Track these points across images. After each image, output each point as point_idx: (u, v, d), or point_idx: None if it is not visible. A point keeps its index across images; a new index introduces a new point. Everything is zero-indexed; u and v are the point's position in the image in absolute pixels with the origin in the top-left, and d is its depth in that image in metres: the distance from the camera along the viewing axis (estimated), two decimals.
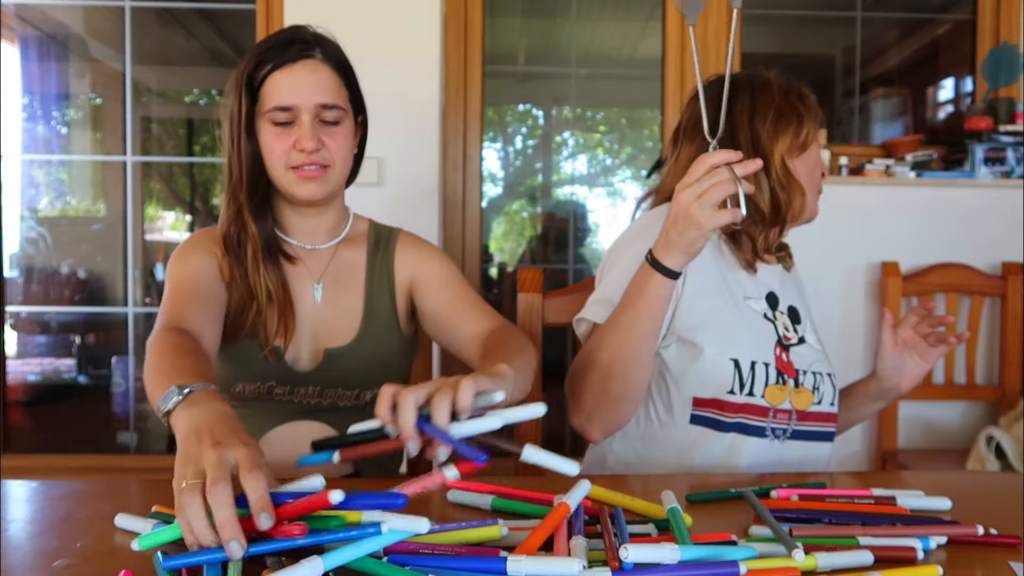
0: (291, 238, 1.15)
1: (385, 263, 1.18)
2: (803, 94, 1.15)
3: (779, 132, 1.11)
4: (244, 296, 1.08)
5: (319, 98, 1.05)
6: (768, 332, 1.13)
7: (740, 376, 1.09)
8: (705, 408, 1.10)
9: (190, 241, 1.13)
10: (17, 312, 2.68)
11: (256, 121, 1.07)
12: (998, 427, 1.98)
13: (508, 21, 2.81)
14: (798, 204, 1.13)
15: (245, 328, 1.07)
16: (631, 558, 0.59)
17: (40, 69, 2.78)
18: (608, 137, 3.08)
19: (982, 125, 2.23)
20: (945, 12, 2.71)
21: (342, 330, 1.13)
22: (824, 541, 0.69)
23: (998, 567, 0.68)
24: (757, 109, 1.12)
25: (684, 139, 1.17)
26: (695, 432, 1.11)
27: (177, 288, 1.03)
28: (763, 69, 1.17)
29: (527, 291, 1.34)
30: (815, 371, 1.15)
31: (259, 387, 1.09)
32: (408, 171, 2.19)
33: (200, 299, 1.02)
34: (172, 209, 3.07)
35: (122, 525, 0.74)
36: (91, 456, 2.48)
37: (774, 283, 1.18)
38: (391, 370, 1.16)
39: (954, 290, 2.18)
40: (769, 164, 1.11)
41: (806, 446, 1.14)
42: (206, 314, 1.00)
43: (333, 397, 1.12)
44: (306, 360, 1.11)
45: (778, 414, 1.11)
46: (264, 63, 1.05)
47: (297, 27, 1.10)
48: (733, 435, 1.10)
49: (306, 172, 1.06)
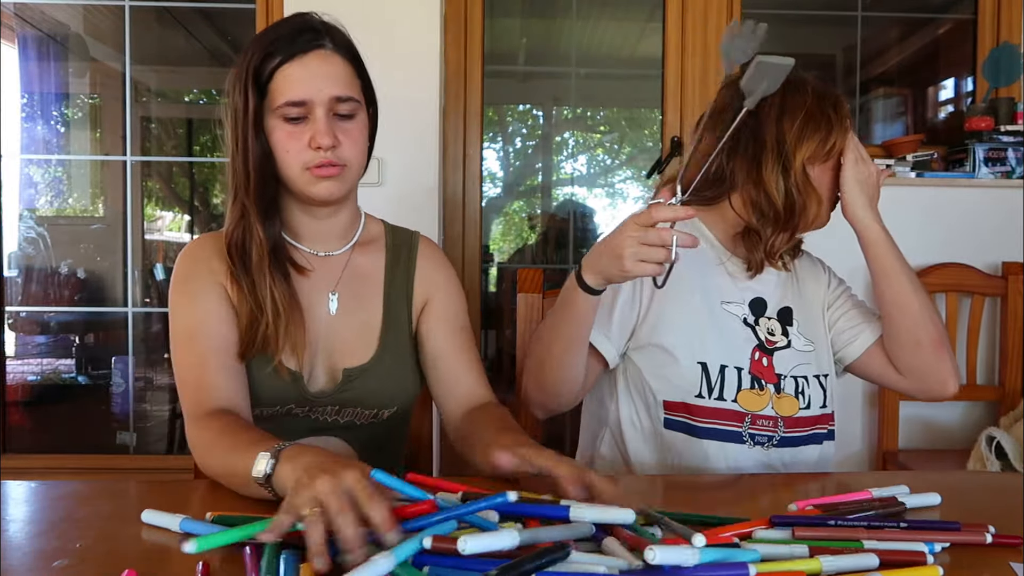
0: (301, 244, 1.07)
1: (406, 272, 1.12)
2: (838, 103, 1.11)
3: (805, 136, 1.08)
4: (254, 310, 0.99)
5: (333, 90, 0.97)
6: (744, 336, 1.13)
7: (708, 380, 1.09)
8: (676, 412, 1.10)
9: (189, 262, 1.04)
10: (17, 312, 2.68)
11: (265, 118, 0.99)
12: (998, 427, 1.98)
13: (508, 21, 2.81)
14: (813, 211, 1.10)
15: (256, 345, 0.99)
16: (657, 559, 0.59)
17: (39, 69, 2.78)
18: (608, 137, 3.08)
19: (983, 125, 2.23)
20: (946, 12, 2.70)
21: (360, 345, 1.06)
22: (829, 544, 0.69)
23: (998, 567, 0.68)
24: (787, 108, 1.09)
25: (705, 129, 1.13)
26: (671, 437, 1.11)
27: (190, 347, 0.98)
28: (801, 69, 1.13)
29: (527, 291, 1.34)
30: (797, 375, 1.14)
31: (278, 410, 1.03)
32: (408, 171, 2.18)
33: (221, 359, 0.97)
34: (172, 209, 3.07)
35: (152, 521, 0.73)
36: (91, 456, 2.48)
37: (767, 287, 1.17)
38: (409, 387, 1.11)
39: (954, 290, 2.18)
40: (790, 166, 1.08)
41: (797, 451, 1.13)
42: (229, 376, 0.97)
43: (351, 416, 1.06)
44: (323, 380, 1.05)
45: (758, 420, 1.10)
46: (272, 55, 0.97)
47: (303, 14, 1.01)
48: (708, 442, 1.09)
49: (323, 171, 0.98)
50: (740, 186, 1.12)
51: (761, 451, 1.11)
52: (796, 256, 1.23)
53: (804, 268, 1.23)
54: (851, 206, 1.11)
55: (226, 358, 0.98)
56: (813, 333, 1.18)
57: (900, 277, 1.11)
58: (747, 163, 1.11)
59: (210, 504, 0.75)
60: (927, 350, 1.11)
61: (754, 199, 1.11)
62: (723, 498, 0.88)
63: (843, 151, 1.11)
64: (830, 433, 1.17)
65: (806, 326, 1.18)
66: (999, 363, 2.22)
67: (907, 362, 1.14)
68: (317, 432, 1.06)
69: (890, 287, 1.11)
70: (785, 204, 1.09)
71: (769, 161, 1.09)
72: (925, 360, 1.12)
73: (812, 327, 1.19)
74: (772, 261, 1.16)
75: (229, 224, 1.03)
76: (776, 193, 1.09)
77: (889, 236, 1.12)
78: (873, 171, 1.12)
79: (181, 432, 2.70)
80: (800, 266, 1.23)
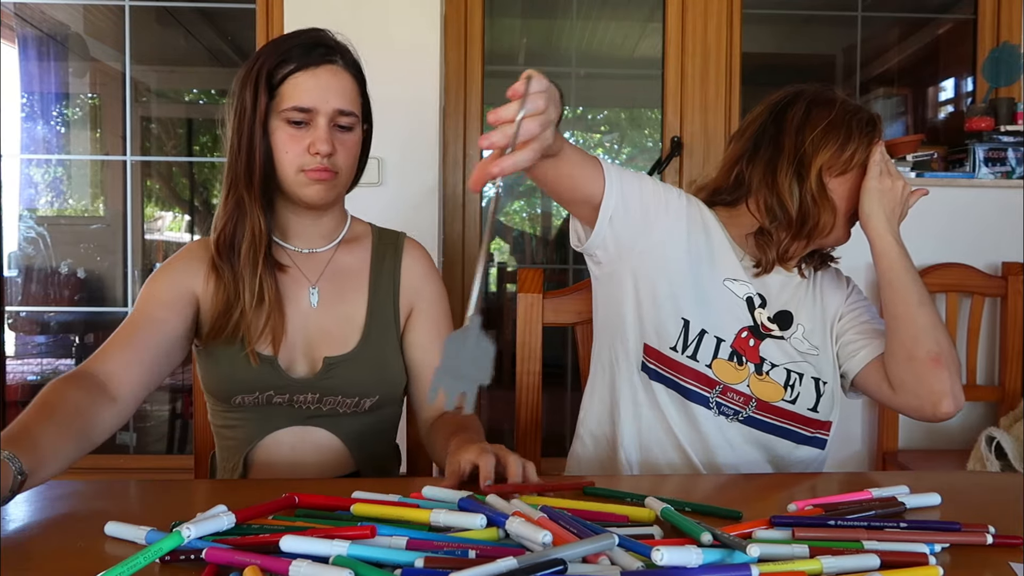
0: (287, 242, 1.14)
1: (391, 267, 1.17)
2: (868, 120, 1.12)
3: (823, 145, 1.09)
4: (230, 298, 1.06)
5: (338, 103, 1.05)
6: (738, 314, 1.14)
7: (685, 337, 1.12)
8: (652, 359, 1.13)
9: (176, 256, 1.12)
10: (17, 312, 2.68)
11: (269, 118, 1.06)
12: (998, 427, 1.98)
13: (508, 21, 2.81)
14: (826, 222, 1.11)
15: (226, 331, 1.06)
16: (665, 560, 0.60)
17: (39, 68, 2.78)
18: (608, 137, 3.08)
19: (983, 125, 2.23)
20: (945, 12, 2.71)
21: (342, 337, 1.11)
22: (830, 544, 0.69)
23: (998, 567, 0.68)
24: (809, 119, 1.11)
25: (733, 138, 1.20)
26: (647, 385, 1.14)
27: (132, 316, 1.06)
28: (836, 88, 1.16)
29: (527, 291, 1.34)
30: (792, 369, 1.15)
31: (258, 397, 1.08)
32: (408, 171, 2.19)
33: (143, 333, 1.03)
34: (172, 209, 3.07)
35: (115, 534, 0.72)
36: (90, 456, 2.45)
37: (771, 288, 1.18)
38: (390, 378, 1.15)
39: (954, 290, 2.18)
40: (805, 174, 1.10)
41: (769, 439, 1.14)
42: (139, 349, 1.02)
43: (332, 404, 1.10)
44: (303, 367, 1.09)
45: (729, 392, 1.12)
46: (286, 62, 1.05)
47: (319, 31, 1.09)
48: (679, 397, 1.12)
49: (317, 175, 1.05)
50: (755, 190, 1.14)
51: (725, 422, 1.13)
52: (821, 268, 1.23)
53: (827, 280, 1.23)
54: (867, 216, 1.11)
55: (152, 329, 1.04)
56: (820, 342, 1.19)
57: (905, 291, 1.10)
58: (763, 168, 1.13)
59: (210, 504, 0.75)
60: (921, 365, 1.08)
61: (768, 203, 1.12)
62: (723, 498, 0.88)
63: (868, 164, 1.11)
64: (816, 439, 1.17)
65: (812, 333, 1.18)
66: (999, 363, 2.22)
67: (899, 376, 1.11)
68: (299, 421, 1.10)
69: (894, 299, 1.10)
70: (799, 212, 1.10)
71: (784, 167, 1.11)
72: (917, 375, 1.08)
73: (820, 336, 1.19)
74: (785, 265, 1.17)
75: (221, 216, 1.08)
76: (789, 200, 1.10)
77: (903, 250, 1.11)
78: (899, 186, 1.11)
79: (181, 432, 2.71)
80: (823, 277, 1.23)
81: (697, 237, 1.14)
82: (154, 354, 1.04)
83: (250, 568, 0.60)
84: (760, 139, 1.15)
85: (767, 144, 1.13)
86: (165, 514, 0.74)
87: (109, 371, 0.98)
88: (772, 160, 1.12)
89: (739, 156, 1.17)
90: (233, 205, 1.07)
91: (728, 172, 1.19)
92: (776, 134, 1.13)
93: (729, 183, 1.18)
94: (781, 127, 1.13)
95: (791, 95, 1.15)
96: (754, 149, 1.15)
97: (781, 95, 1.17)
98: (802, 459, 1.17)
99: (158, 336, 1.04)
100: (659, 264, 1.12)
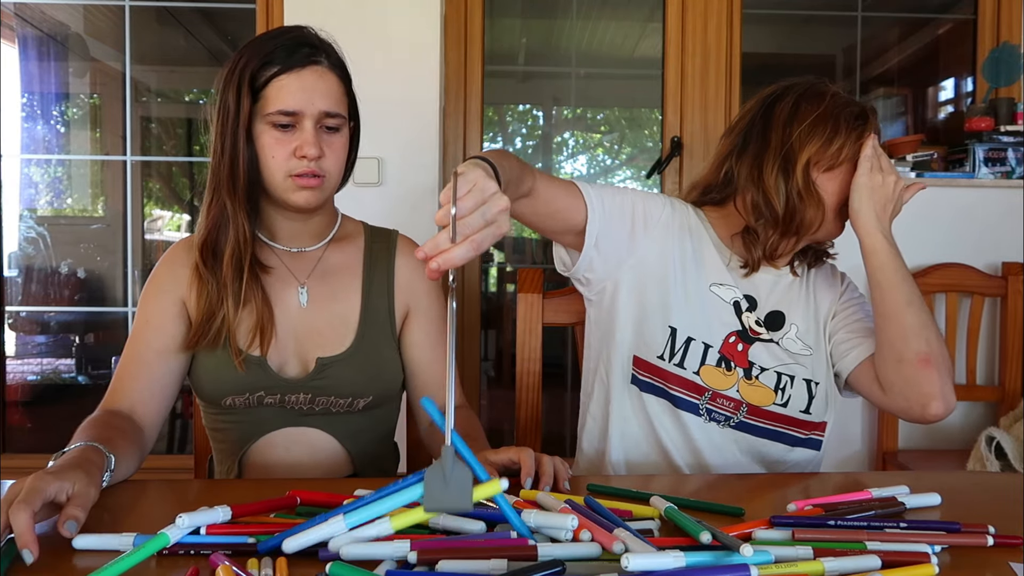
0: (274, 242, 1.12)
1: (385, 265, 1.15)
2: (858, 114, 1.09)
3: (811, 137, 1.07)
4: (213, 305, 1.04)
5: (324, 105, 1.03)
6: (725, 319, 1.14)
7: (672, 345, 1.11)
8: (641, 370, 1.13)
9: (161, 265, 1.10)
10: (17, 312, 2.68)
11: (254, 122, 1.03)
12: (998, 427, 1.98)
13: (508, 21, 2.81)
14: (812, 218, 1.08)
15: (208, 337, 1.04)
16: (632, 567, 0.59)
17: (40, 69, 2.78)
18: (608, 137, 3.08)
19: (983, 125, 2.22)
20: (945, 12, 2.71)
21: (334, 336, 1.10)
22: (831, 545, 0.69)
23: (998, 567, 0.68)
24: (797, 113, 1.09)
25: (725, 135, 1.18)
26: (637, 397, 1.14)
27: (130, 345, 1.07)
28: (829, 81, 1.13)
29: (527, 291, 1.34)
30: (782, 372, 1.14)
31: (248, 398, 1.07)
32: (408, 171, 2.18)
33: (146, 362, 1.05)
34: (172, 209, 3.07)
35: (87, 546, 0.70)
36: None
37: (761, 288, 1.17)
38: (385, 378, 1.13)
39: (954, 290, 2.18)
40: (792, 169, 1.08)
41: (762, 443, 1.14)
42: (151, 380, 1.04)
43: (325, 404, 1.09)
44: (295, 367, 1.08)
45: (719, 398, 1.11)
46: (270, 64, 1.02)
47: (301, 28, 1.06)
48: (669, 406, 1.12)
49: (304, 181, 1.03)
50: (743, 187, 1.12)
51: (717, 429, 1.12)
52: (816, 265, 1.21)
53: (820, 278, 1.21)
54: (855, 212, 1.08)
55: (156, 358, 1.05)
56: (813, 341, 1.17)
57: (895, 290, 1.07)
58: (750, 164, 1.11)
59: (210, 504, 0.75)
60: (910, 366, 1.05)
61: (755, 200, 1.10)
62: (722, 498, 0.88)
63: (858, 159, 1.08)
64: (810, 441, 1.16)
65: (806, 333, 1.17)
66: (999, 363, 2.22)
67: (888, 377, 1.08)
68: (291, 421, 1.09)
69: (883, 298, 1.08)
70: (785, 208, 1.08)
71: (771, 162, 1.09)
72: (905, 376, 1.06)
73: (813, 335, 1.18)
74: (774, 263, 1.16)
75: (205, 222, 1.06)
76: (776, 196, 1.08)
77: (893, 248, 1.08)
78: (890, 182, 1.08)
79: (181, 432, 2.71)
80: (816, 275, 1.21)
81: (683, 245, 1.14)
82: (165, 382, 1.06)
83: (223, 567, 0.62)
84: (749, 134, 1.13)
85: (755, 139, 1.11)
86: (165, 514, 0.74)
87: (130, 407, 1.02)
88: (759, 155, 1.10)
89: (728, 152, 1.15)
90: (217, 211, 1.05)
91: (717, 169, 1.17)
92: (764, 129, 1.11)
93: (718, 180, 1.16)
94: (769, 122, 1.10)
95: (781, 89, 1.13)
96: (743, 145, 1.13)
97: (772, 89, 1.15)
98: (797, 462, 1.16)
99: (164, 367, 1.06)
100: (646, 275, 1.12)
